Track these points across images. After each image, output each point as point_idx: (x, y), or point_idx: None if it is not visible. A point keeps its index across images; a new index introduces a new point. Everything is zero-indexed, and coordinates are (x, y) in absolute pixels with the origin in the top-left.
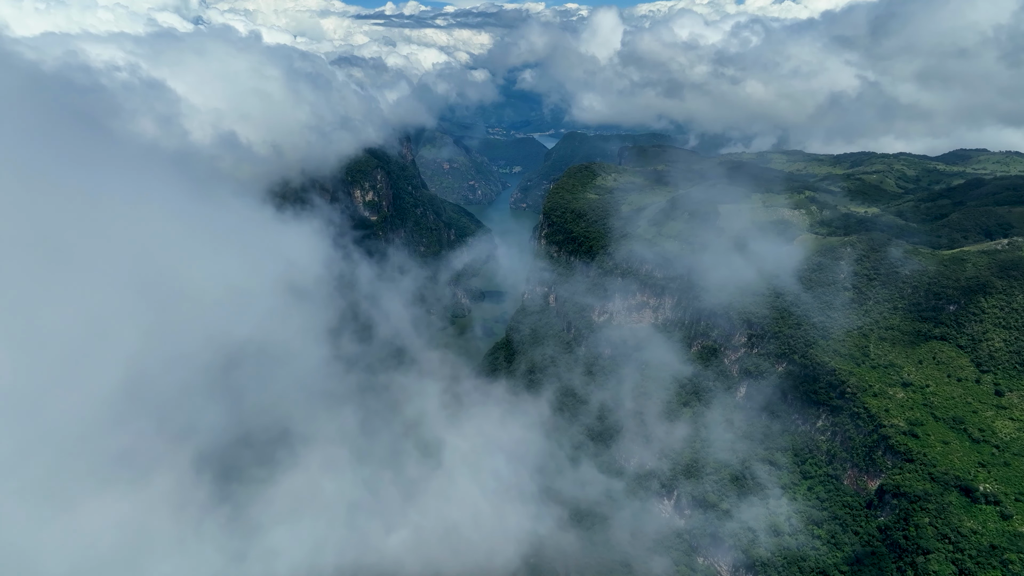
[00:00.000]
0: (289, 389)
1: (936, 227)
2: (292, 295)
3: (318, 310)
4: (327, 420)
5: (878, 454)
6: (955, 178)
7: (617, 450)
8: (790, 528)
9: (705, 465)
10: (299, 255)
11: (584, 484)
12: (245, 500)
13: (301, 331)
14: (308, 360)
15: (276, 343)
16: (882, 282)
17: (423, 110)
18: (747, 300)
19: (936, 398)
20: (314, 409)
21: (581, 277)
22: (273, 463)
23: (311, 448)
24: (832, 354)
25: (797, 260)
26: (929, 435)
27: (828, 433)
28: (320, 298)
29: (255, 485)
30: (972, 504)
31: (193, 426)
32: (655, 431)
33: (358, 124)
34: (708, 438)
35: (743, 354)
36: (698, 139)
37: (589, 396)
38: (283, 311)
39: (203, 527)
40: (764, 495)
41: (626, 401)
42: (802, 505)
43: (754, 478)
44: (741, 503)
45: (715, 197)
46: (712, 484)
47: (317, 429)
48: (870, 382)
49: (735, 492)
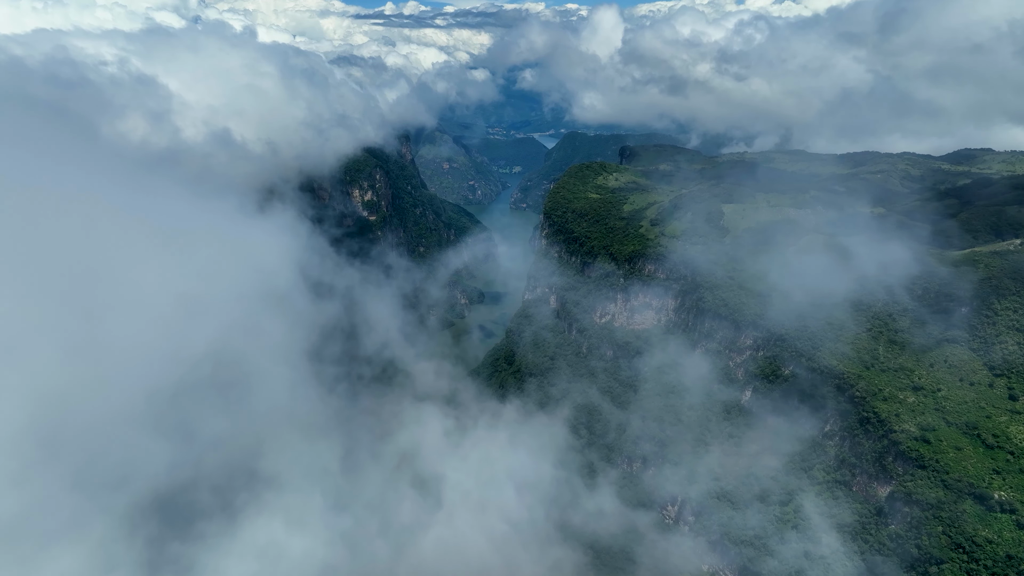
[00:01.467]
0: (256, 418)
1: (945, 227)
2: (267, 304)
3: (296, 322)
4: (301, 455)
5: (888, 460)
6: (960, 178)
7: (622, 456)
8: (797, 536)
9: (711, 470)
10: (273, 258)
11: (602, 515)
12: (190, 564)
13: (274, 347)
14: (280, 381)
15: (242, 362)
16: (892, 282)
17: (423, 109)
18: (752, 301)
19: (948, 403)
20: (286, 442)
21: (583, 278)
22: (230, 513)
23: (279, 491)
24: (840, 357)
25: (804, 261)
26: (941, 441)
27: (836, 438)
28: (299, 308)
29: (204, 544)
30: (987, 512)
31: (129, 470)
32: (659, 437)
33: (356, 123)
34: (712, 443)
35: (748, 357)
36: (700, 138)
37: (593, 408)
38: (251, 323)
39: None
40: (770, 501)
41: (632, 410)
42: (811, 512)
43: (760, 484)
44: (748, 510)
45: (719, 197)
46: (718, 490)
47: (288, 467)
48: (879, 386)
49: (742, 497)
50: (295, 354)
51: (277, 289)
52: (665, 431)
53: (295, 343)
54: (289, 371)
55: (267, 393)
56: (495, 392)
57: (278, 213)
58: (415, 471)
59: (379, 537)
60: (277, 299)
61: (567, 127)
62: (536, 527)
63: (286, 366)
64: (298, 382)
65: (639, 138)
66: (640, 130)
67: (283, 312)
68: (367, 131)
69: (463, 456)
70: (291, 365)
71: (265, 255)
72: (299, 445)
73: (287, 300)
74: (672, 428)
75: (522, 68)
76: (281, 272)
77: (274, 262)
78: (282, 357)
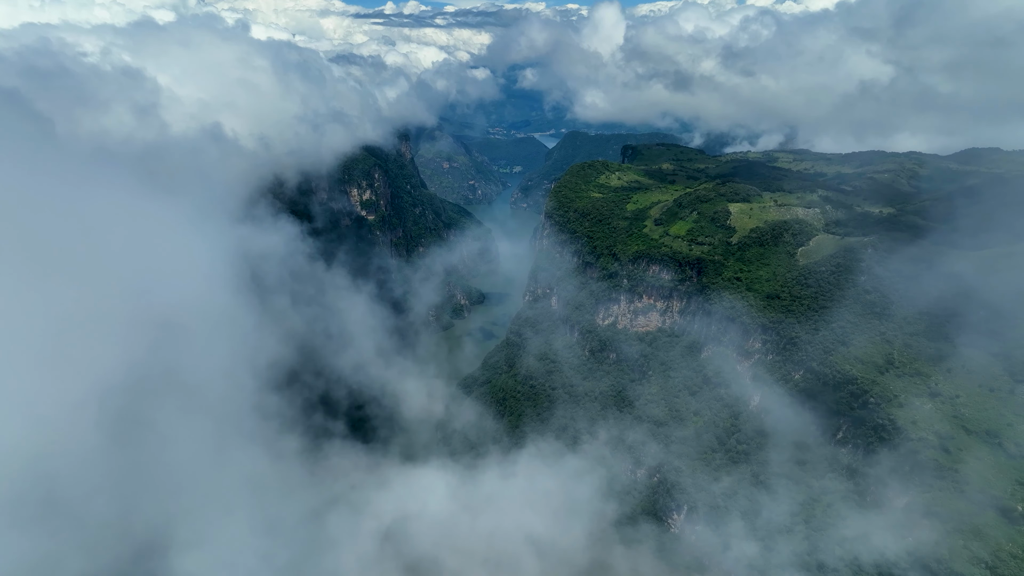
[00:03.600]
0: (173, 474)
1: (959, 227)
2: (201, 324)
3: (245, 343)
4: (226, 528)
5: (905, 469)
6: (969, 177)
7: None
8: (809, 547)
9: (719, 477)
10: (217, 266)
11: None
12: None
13: (214, 375)
14: (206, 433)
15: (167, 396)
16: (906, 284)
17: (422, 108)
18: (761, 303)
19: (968, 410)
20: (211, 510)
21: (585, 278)
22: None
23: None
24: (853, 361)
25: (815, 261)
26: (961, 450)
27: (849, 445)
28: (244, 328)
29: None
30: (1010, 525)
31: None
32: (665, 442)
33: (354, 120)
34: (719, 449)
35: (757, 360)
36: (703, 137)
37: (598, 422)
38: (169, 351)
39: None
40: (779, 511)
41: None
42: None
43: (770, 492)
44: (756, 518)
45: (725, 195)
46: (725, 499)
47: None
48: (895, 392)
49: (749, 506)
50: (246, 387)
51: (216, 306)
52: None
53: (247, 372)
54: (225, 415)
55: (197, 437)
56: (494, 412)
57: (255, 213)
58: (402, 554)
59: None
60: (215, 318)
61: (568, 126)
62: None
63: (215, 412)
64: (230, 433)
65: (641, 137)
66: (642, 129)
67: (223, 334)
68: (365, 129)
69: (464, 523)
70: (227, 409)
71: (209, 262)
72: (226, 516)
73: (233, 318)
74: (676, 436)
75: (523, 67)
76: (225, 282)
77: (220, 270)
78: (214, 399)
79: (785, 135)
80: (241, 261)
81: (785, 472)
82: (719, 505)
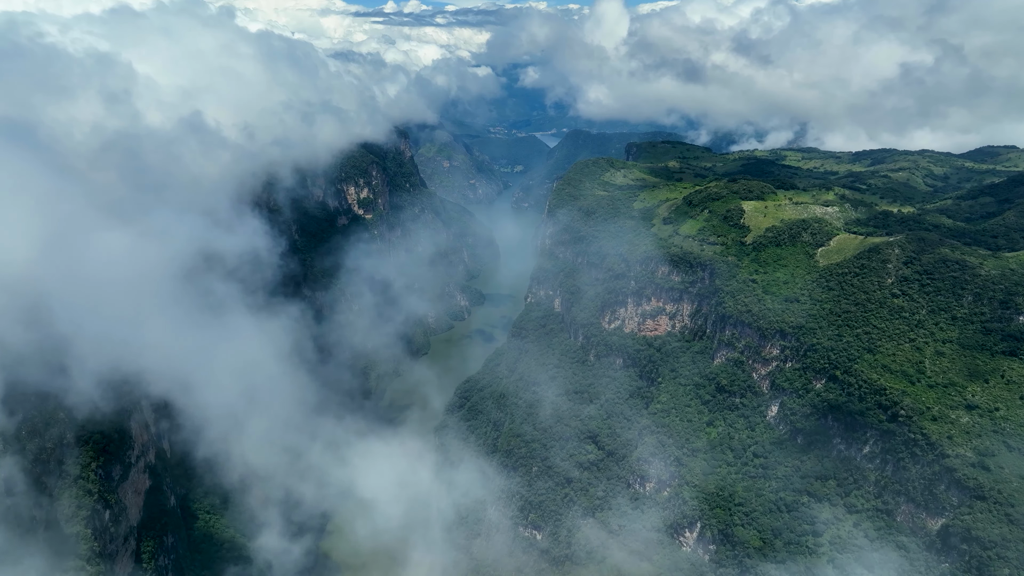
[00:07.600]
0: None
1: (988, 226)
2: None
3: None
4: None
5: (940, 488)
6: (987, 176)
7: (631, 471)
8: (834, 572)
9: (734, 494)
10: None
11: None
12: None
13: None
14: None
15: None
16: (937, 287)
17: (422, 105)
18: (779, 306)
19: (1008, 424)
20: None
21: (589, 280)
22: None
23: None
24: (881, 370)
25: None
26: (1003, 468)
27: (877, 460)
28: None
29: None
30: None
31: None
32: (675, 455)
33: (351, 116)
34: (735, 463)
35: (775, 368)
36: (710, 135)
37: (603, 435)
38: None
39: None
40: (802, 531)
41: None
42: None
43: (790, 511)
44: (776, 540)
45: (738, 193)
46: (742, 516)
47: None
48: (928, 403)
49: (767, 524)
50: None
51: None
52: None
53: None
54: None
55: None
56: (489, 438)
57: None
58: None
59: None
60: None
61: (570, 124)
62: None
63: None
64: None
65: (644, 135)
66: (646, 127)
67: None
68: (363, 125)
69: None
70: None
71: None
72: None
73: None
74: (684, 449)
75: (524, 66)
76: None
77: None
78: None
79: (794, 132)
80: (218, 260)
81: (806, 488)
82: (734, 523)
